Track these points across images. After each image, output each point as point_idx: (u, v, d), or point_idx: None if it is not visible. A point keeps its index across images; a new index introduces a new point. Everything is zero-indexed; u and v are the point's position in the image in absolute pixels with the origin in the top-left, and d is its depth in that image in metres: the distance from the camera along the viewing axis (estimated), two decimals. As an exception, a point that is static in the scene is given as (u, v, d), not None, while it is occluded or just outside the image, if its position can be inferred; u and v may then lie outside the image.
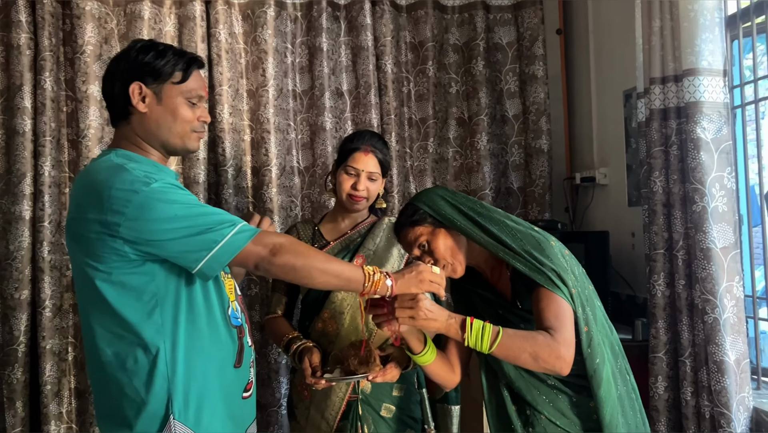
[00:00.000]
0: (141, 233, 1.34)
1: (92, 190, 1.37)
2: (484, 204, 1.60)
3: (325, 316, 1.97)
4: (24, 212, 2.61)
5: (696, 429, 2.17)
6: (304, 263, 1.39)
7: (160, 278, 1.39)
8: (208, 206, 1.43)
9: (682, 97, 2.18)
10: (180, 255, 1.36)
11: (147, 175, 1.38)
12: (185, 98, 1.48)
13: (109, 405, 1.42)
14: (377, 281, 1.43)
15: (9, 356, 2.59)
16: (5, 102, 2.66)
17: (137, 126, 1.47)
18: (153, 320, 1.38)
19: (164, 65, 1.45)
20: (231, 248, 1.36)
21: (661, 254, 2.28)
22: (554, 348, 1.39)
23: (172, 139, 1.48)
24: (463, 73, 3.18)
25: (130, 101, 1.45)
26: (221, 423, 1.45)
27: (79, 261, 1.41)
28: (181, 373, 1.39)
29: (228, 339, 1.48)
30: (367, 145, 1.98)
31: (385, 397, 1.96)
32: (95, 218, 1.35)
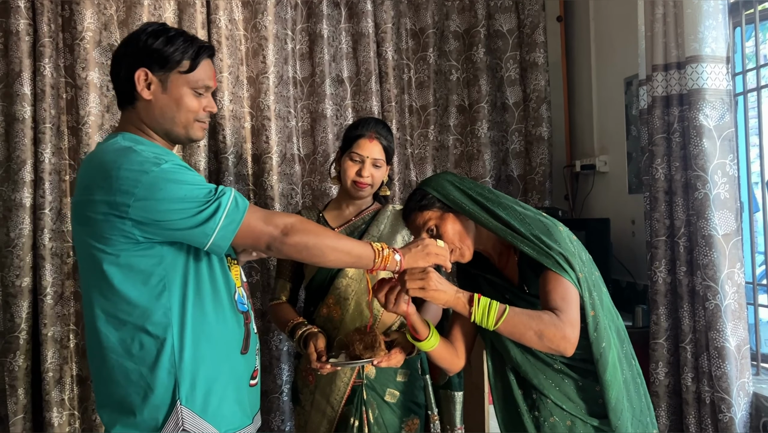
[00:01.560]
0: (150, 214, 1.32)
1: (100, 172, 1.36)
2: (492, 189, 1.61)
3: (329, 302, 1.97)
4: (24, 199, 2.60)
5: (696, 414, 2.19)
6: (315, 242, 1.39)
7: (168, 261, 1.38)
8: (213, 185, 1.41)
9: (685, 85, 2.18)
10: (190, 232, 1.34)
11: (157, 156, 1.37)
12: (191, 88, 1.46)
13: (111, 393, 1.41)
14: (386, 256, 1.44)
15: (10, 343, 2.58)
16: (4, 88, 2.64)
17: (142, 112, 1.46)
18: (161, 303, 1.37)
19: (173, 53, 1.43)
20: (236, 217, 1.34)
21: (663, 240, 2.29)
22: (560, 327, 1.40)
23: (175, 129, 1.47)
24: (464, 60, 3.17)
25: (135, 88, 1.43)
26: (229, 409, 1.45)
27: (85, 244, 1.39)
28: (189, 358, 1.39)
29: (235, 325, 1.48)
30: (371, 131, 1.98)
31: (390, 382, 1.97)
32: (103, 199, 1.33)
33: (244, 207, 1.37)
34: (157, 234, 1.35)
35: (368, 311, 1.96)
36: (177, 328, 1.38)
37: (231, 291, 1.49)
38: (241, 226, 1.35)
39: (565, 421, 1.53)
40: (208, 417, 1.40)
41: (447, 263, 1.49)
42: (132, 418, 1.38)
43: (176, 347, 1.38)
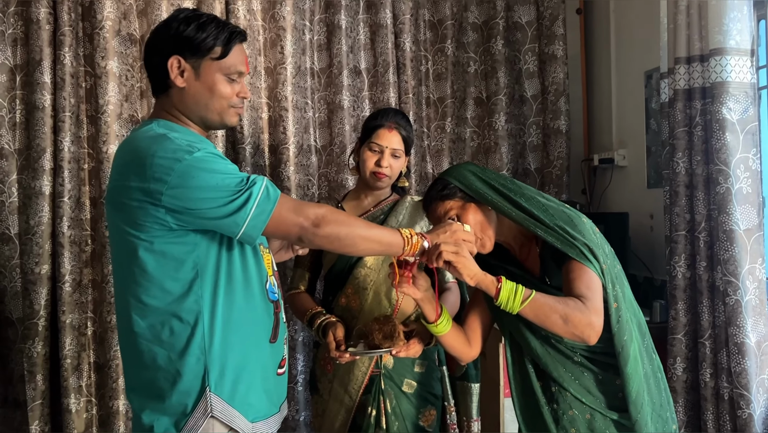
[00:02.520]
0: (182, 202, 1.33)
1: (135, 158, 1.36)
2: (514, 180, 1.60)
3: (348, 291, 1.98)
4: (44, 188, 2.62)
5: (714, 410, 2.17)
6: (347, 232, 1.40)
7: (201, 249, 1.38)
8: (246, 174, 1.41)
9: (708, 78, 2.16)
10: (221, 222, 1.35)
11: (190, 144, 1.37)
12: (224, 74, 1.45)
13: (140, 377, 1.42)
14: (415, 243, 1.45)
15: (29, 329, 2.61)
16: (25, 77, 2.66)
17: (176, 100, 1.46)
18: (193, 290, 1.38)
19: (204, 39, 1.42)
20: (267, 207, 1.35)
21: (683, 235, 2.27)
22: (586, 314, 1.39)
23: (209, 115, 1.48)
24: (482, 52, 3.15)
25: (168, 76, 1.44)
26: (257, 398, 1.45)
27: (119, 230, 1.40)
28: (218, 345, 1.39)
29: (264, 313, 1.49)
30: (391, 122, 1.98)
31: (407, 372, 1.97)
32: (138, 186, 1.34)
33: (275, 197, 1.37)
34: (189, 222, 1.36)
35: (386, 301, 1.96)
36: (208, 315, 1.39)
37: (263, 280, 1.50)
38: (272, 216, 1.35)
39: (584, 414, 1.53)
40: (235, 404, 1.41)
41: (473, 249, 1.49)
42: (160, 403, 1.39)
43: (206, 334, 1.38)
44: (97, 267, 2.71)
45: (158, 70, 1.45)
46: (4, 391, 2.69)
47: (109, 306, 2.67)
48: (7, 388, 2.69)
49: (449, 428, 2.08)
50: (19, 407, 2.66)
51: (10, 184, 2.63)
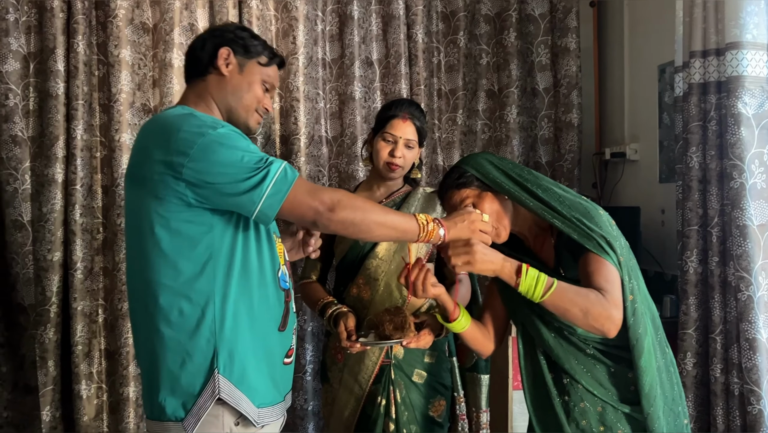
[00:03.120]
0: (202, 175, 1.34)
1: (160, 133, 1.40)
2: (531, 170, 1.59)
3: (359, 282, 1.98)
4: (57, 175, 2.63)
5: (724, 405, 2.17)
6: (363, 218, 1.40)
7: (216, 231, 1.40)
8: (266, 155, 1.42)
9: (724, 72, 2.14)
10: (238, 199, 1.36)
11: (215, 121, 1.42)
12: (262, 80, 1.57)
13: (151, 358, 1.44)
14: (431, 231, 1.45)
15: (41, 316, 2.63)
16: (38, 65, 2.67)
17: (212, 85, 1.54)
18: (205, 272, 1.39)
19: (255, 45, 1.57)
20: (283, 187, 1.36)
21: (695, 230, 2.26)
22: (606, 307, 1.39)
23: (238, 109, 1.54)
24: (495, 44, 3.14)
25: (215, 61, 1.53)
26: (263, 384, 1.46)
27: (137, 206, 1.42)
28: (229, 328, 1.40)
29: (276, 301, 1.49)
30: (405, 112, 1.97)
31: (417, 363, 1.98)
32: (161, 158, 1.36)
33: (292, 178, 1.38)
34: (208, 198, 1.37)
35: (397, 292, 1.96)
36: (219, 297, 1.40)
37: (275, 267, 1.51)
38: (288, 197, 1.36)
39: (595, 407, 1.53)
40: (243, 388, 1.42)
41: (489, 241, 1.48)
42: (170, 383, 1.41)
43: (217, 317, 1.39)
44: (109, 255, 2.73)
45: (205, 56, 1.55)
46: (15, 376, 2.71)
47: (120, 294, 2.69)
48: (19, 373, 2.71)
49: (458, 418, 2.09)
50: (31, 393, 2.68)
51: (23, 171, 2.65)
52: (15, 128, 2.63)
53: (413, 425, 1.95)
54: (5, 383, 2.70)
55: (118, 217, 2.68)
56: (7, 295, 2.69)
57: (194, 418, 1.39)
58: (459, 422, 2.10)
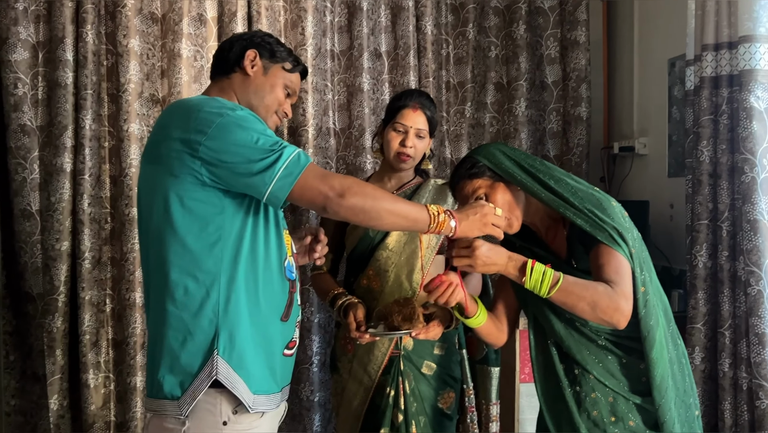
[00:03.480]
0: (218, 154, 1.36)
1: (181, 112, 1.44)
2: (543, 161, 1.59)
3: (369, 273, 1.99)
4: (65, 165, 2.63)
5: (732, 400, 2.16)
6: (372, 205, 1.40)
7: (228, 213, 1.41)
8: (282, 140, 1.43)
9: (736, 65, 2.13)
10: (250, 180, 1.37)
11: (235, 105, 1.46)
12: (285, 84, 1.61)
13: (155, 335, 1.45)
14: (441, 222, 1.44)
15: (49, 305, 2.64)
16: (47, 54, 2.67)
17: (237, 83, 1.58)
18: (214, 252, 1.40)
19: (282, 51, 1.62)
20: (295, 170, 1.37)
21: (705, 224, 2.25)
22: (614, 299, 1.39)
23: (260, 109, 1.56)
24: (504, 36, 3.12)
25: (241, 62, 1.57)
26: (261, 372, 1.46)
27: (152, 183, 1.44)
28: (232, 311, 1.41)
29: (280, 290, 1.50)
30: (415, 102, 1.97)
31: (427, 355, 1.98)
32: (179, 136, 1.39)
33: (305, 163, 1.39)
34: (222, 178, 1.38)
35: (407, 283, 1.96)
36: (225, 280, 1.41)
37: (282, 256, 1.51)
38: (299, 180, 1.37)
39: (607, 397, 1.53)
40: (240, 373, 1.42)
41: (501, 235, 1.48)
42: (170, 362, 1.42)
43: (221, 299, 1.40)
44: (117, 245, 2.73)
45: (232, 56, 1.59)
46: (23, 365, 2.72)
47: (128, 284, 2.69)
48: (27, 362, 2.72)
49: (467, 411, 2.09)
50: (38, 381, 2.69)
51: (32, 161, 2.65)
52: (24, 117, 2.63)
53: (422, 417, 1.96)
54: (13, 372, 2.70)
55: (126, 207, 2.68)
56: (16, 284, 2.70)
57: (190, 397, 1.39)
58: (468, 414, 2.10)
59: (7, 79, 2.60)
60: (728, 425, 2.16)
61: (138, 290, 2.68)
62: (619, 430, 1.52)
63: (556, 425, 1.58)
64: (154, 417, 1.45)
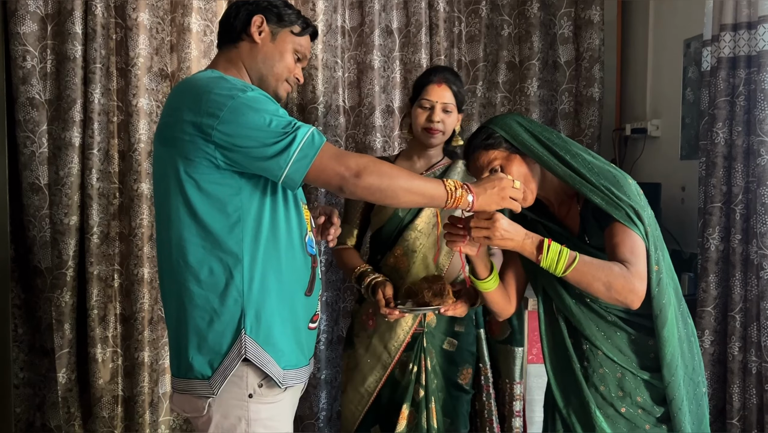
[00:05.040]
0: (231, 138, 1.35)
1: (191, 94, 1.40)
2: (560, 135, 1.56)
3: (397, 252, 1.99)
4: (74, 139, 2.62)
5: (741, 383, 2.16)
6: (389, 184, 1.39)
7: (245, 193, 1.40)
8: (294, 119, 1.41)
9: (755, 46, 2.10)
10: (265, 163, 1.36)
11: (245, 84, 1.42)
12: (294, 49, 1.56)
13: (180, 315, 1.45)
14: (459, 197, 1.43)
15: (58, 279, 2.64)
16: (56, 27, 2.64)
17: (244, 53, 1.54)
18: (235, 233, 1.40)
19: (290, 14, 1.56)
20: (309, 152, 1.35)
21: (718, 207, 2.23)
22: (629, 280, 1.38)
23: (269, 77, 1.54)
24: (517, 15, 3.08)
25: (248, 29, 1.53)
26: (289, 346, 1.47)
27: (167, 166, 1.42)
28: (257, 290, 1.41)
29: (303, 266, 1.50)
30: (440, 76, 1.96)
31: (449, 332, 2.02)
32: (191, 120, 1.37)
33: (319, 143, 1.37)
34: (237, 161, 1.37)
35: (433, 265, 1.97)
36: (248, 259, 1.40)
37: (302, 232, 1.51)
38: (314, 162, 1.36)
39: (615, 373, 1.52)
40: (269, 349, 1.43)
41: (518, 209, 1.47)
42: (197, 341, 1.42)
43: (246, 278, 1.40)
44: (125, 220, 2.72)
45: (238, 23, 1.54)
46: (32, 338, 2.73)
47: (137, 259, 2.69)
48: (35, 335, 2.73)
49: (483, 388, 2.11)
50: (47, 355, 2.71)
51: (40, 134, 2.64)
52: (32, 90, 2.61)
53: (441, 393, 2.00)
54: (22, 345, 2.72)
55: (135, 182, 2.67)
56: (24, 257, 2.71)
57: (221, 376, 1.40)
58: (483, 392, 2.12)
59: (16, 51, 2.58)
60: (736, 408, 2.16)
61: (146, 265, 2.68)
62: (626, 405, 1.52)
63: (564, 398, 1.58)
64: (180, 393, 1.46)
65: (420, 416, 1.95)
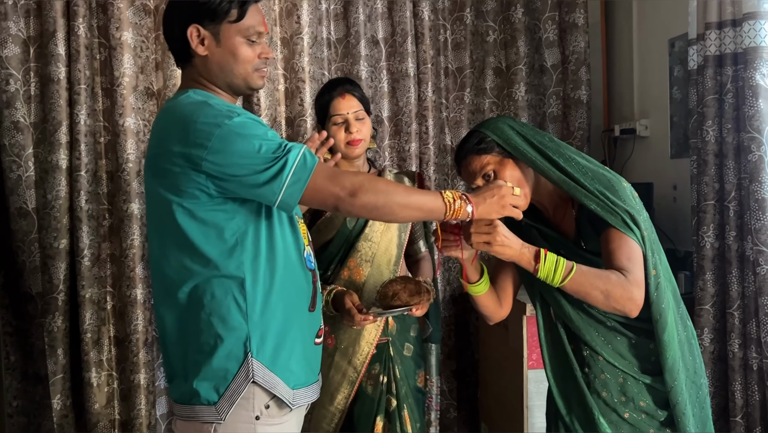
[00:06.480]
0: (222, 168, 1.32)
1: (177, 124, 1.36)
2: (552, 138, 1.54)
3: (351, 264, 1.95)
4: (61, 161, 2.59)
5: (742, 380, 2.15)
6: (386, 201, 1.36)
7: (240, 217, 1.38)
8: (284, 140, 1.38)
9: (741, 43, 2.10)
10: (259, 190, 1.33)
11: (230, 109, 1.37)
12: (244, 37, 1.43)
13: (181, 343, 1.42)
14: (458, 208, 1.39)
15: (49, 304, 2.60)
16: (39, 49, 2.62)
17: (201, 68, 1.45)
18: (234, 257, 1.37)
19: (220, 3, 1.41)
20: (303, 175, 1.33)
21: (711, 205, 2.23)
22: (627, 288, 1.36)
23: (235, 81, 1.46)
24: (501, 20, 3.09)
25: (189, 48, 1.43)
26: (298, 364, 1.45)
27: (159, 197, 1.39)
28: (260, 311, 1.39)
29: (304, 282, 1.48)
30: (340, 89, 1.96)
31: (407, 337, 2.02)
32: (180, 151, 1.33)
33: (312, 165, 1.34)
34: (230, 189, 1.35)
35: (387, 270, 1.96)
36: (249, 281, 1.38)
37: (300, 249, 1.49)
38: (308, 184, 1.33)
39: (617, 378, 1.51)
40: (277, 371, 1.40)
41: (520, 216, 1.44)
42: (200, 368, 1.38)
43: (248, 300, 1.38)
44: (116, 241, 2.69)
45: (179, 42, 1.44)
46: (25, 365, 2.69)
47: (129, 280, 2.66)
48: (28, 362, 2.69)
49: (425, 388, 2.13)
50: (41, 381, 2.67)
51: (26, 158, 2.61)
52: (17, 114, 2.59)
53: (409, 398, 1.97)
54: (14, 372, 2.68)
55: (125, 203, 2.64)
56: (14, 283, 2.67)
57: (228, 402, 1.37)
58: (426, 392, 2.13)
59: (-1, 75, 2.56)
60: (739, 406, 2.15)
61: (139, 286, 2.65)
62: (630, 410, 1.51)
63: (567, 405, 1.56)
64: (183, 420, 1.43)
65: (394, 426, 1.93)
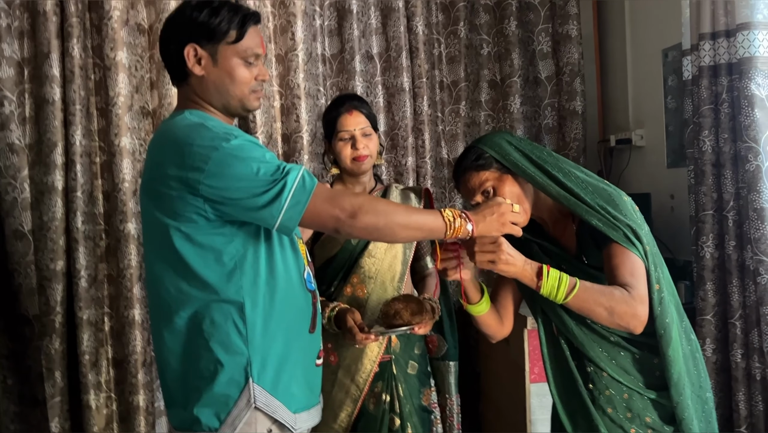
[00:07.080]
0: (220, 191, 1.30)
1: (173, 147, 1.34)
2: (551, 152, 1.53)
3: (354, 281, 1.94)
4: (56, 182, 2.57)
5: (746, 391, 2.15)
6: (386, 222, 1.35)
7: (239, 240, 1.36)
8: (283, 162, 1.37)
9: (735, 53, 2.11)
10: (258, 213, 1.31)
11: (227, 131, 1.35)
12: (241, 58, 1.42)
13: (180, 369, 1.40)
14: (458, 227, 1.38)
15: (46, 326, 2.58)
16: (33, 70, 2.61)
17: (197, 88, 1.43)
18: (233, 281, 1.35)
19: (219, 24, 1.40)
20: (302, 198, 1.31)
21: (710, 215, 2.23)
22: (631, 305, 1.36)
23: (231, 102, 1.44)
24: (495, 33, 3.10)
25: (186, 67, 1.41)
26: (299, 388, 1.43)
27: (156, 221, 1.37)
28: (260, 335, 1.37)
29: (304, 303, 1.46)
30: (348, 105, 1.96)
31: (411, 355, 1.99)
32: (176, 174, 1.31)
33: (311, 187, 1.32)
34: (228, 212, 1.33)
35: (391, 288, 1.95)
36: (249, 305, 1.36)
37: (300, 270, 1.47)
38: (308, 207, 1.32)
39: (621, 394, 1.50)
40: (278, 395, 1.39)
41: (520, 233, 1.43)
42: (201, 394, 1.37)
43: (248, 324, 1.36)
44: (113, 262, 2.68)
45: (175, 60, 1.43)
46: (22, 388, 2.66)
47: (126, 301, 2.64)
48: (25, 385, 2.66)
49: (431, 406, 2.08)
50: (38, 405, 2.63)
51: (21, 179, 2.59)
52: (12, 136, 2.57)
53: (414, 417, 1.95)
54: (11, 396, 2.64)
55: (121, 223, 2.63)
56: (11, 306, 2.64)
57: (229, 428, 1.35)
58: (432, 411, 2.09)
59: (-7, 97, 2.54)
60: (743, 416, 2.14)
61: (137, 306, 2.63)
62: (636, 426, 1.49)
63: (572, 423, 1.55)
64: None
65: None
